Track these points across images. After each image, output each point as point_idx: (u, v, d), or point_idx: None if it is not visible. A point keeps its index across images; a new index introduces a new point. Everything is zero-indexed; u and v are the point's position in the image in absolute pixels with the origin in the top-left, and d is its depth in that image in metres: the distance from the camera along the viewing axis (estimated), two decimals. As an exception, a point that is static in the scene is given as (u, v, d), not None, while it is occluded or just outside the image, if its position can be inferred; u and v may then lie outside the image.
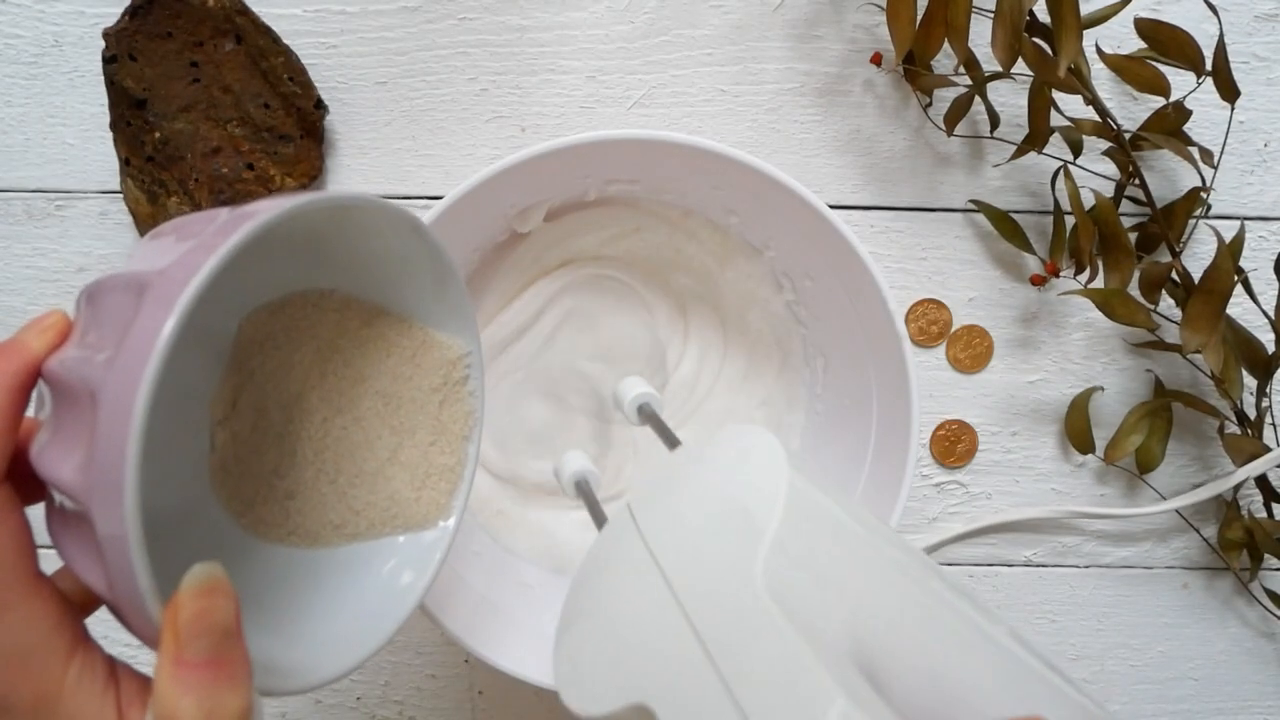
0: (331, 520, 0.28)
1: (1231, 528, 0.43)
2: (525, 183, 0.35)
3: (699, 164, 0.34)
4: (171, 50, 0.39)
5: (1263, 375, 0.41)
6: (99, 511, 0.19)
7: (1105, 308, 0.40)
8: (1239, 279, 0.39)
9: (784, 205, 0.34)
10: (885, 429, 0.36)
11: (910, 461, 0.35)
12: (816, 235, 0.35)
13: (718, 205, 0.38)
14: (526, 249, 0.40)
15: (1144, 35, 0.38)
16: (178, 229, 0.22)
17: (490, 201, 0.34)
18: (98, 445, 0.18)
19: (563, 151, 0.33)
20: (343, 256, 0.27)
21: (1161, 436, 0.43)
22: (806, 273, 0.38)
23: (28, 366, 0.21)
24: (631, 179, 0.37)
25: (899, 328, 0.34)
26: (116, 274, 0.22)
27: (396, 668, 0.44)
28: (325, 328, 0.28)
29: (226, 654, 0.20)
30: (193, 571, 0.20)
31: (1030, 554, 0.44)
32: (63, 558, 0.22)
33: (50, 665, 0.20)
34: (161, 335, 0.18)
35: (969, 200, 0.43)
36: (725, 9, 0.42)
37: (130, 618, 0.20)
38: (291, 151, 0.40)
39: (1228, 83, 0.38)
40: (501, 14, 0.42)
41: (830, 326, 0.38)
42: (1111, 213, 0.39)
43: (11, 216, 0.42)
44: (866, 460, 0.37)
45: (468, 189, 0.33)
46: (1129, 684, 0.45)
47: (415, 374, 0.29)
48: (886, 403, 0.36)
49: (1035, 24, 0.38)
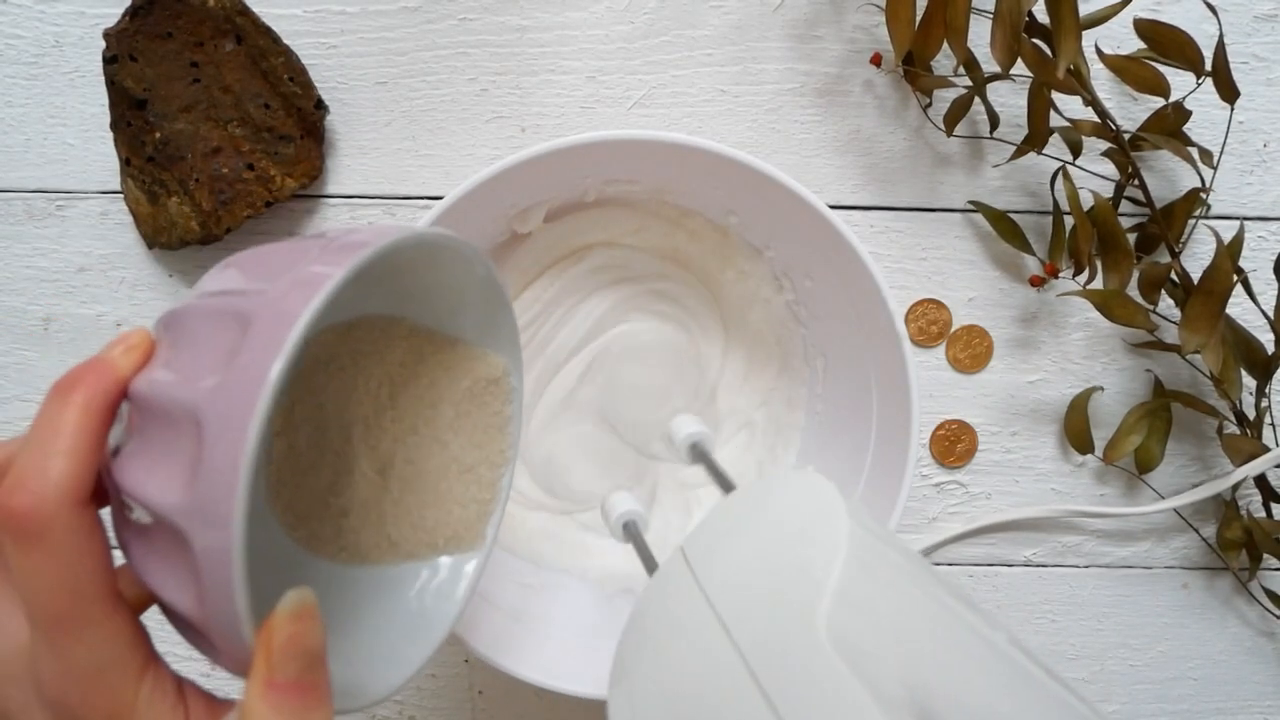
0: (390, 536, 0.29)
1: (1230, 527, 0.43)
2: (524, 183, 0.35)
3: (698, 164, 0.34)
4: (172, 50, 0.39)
5: (1262, 375, 0.41)
6: (201, 532, 0.19)
7: (1104, 308, 0.40)
8: (1238, 279, 0.39)
9: (784, 205, 0.34)
10: (885, 429, 0.36)
11: (910, 461, 0.35)
12: (816, 235, 0.35)
13: (717, 205, 0.38)
14: (527, 249, 0.40)
15: (1143, 36, 0.38)
16: (260, 261, 0.23)
17: (490, 202, 0.34)
18: (204, 469, 0.19)
19: (562, 152, 0.33)
20: (410, 285, 0.28)
21: (1161, 437, 0.43)
22: (807, 273, 0.38)
23: (116, 385, 0.22)
24: (630, 179, 0.37)
25: (899, 328, 0.34)
26: (204, 302, 0.22)
27: (396, 667, 0.44)
28: (394, 352, 0.29)
29: (315, 677, 0.21)
30: (289, 596, 0.20)
31: (1030, 554, 0.44)
32: (135, 569, 0.22)
33: (125, 682, 0.21)
34: (273, 370, 0.19)
35: (968, 201, 0.43)
36: (725, 9, 0.42)
37: (217, 636, 0.20)
38: (292, 151, 0.40)
39: (1227, 83, 0.38)
40: (501, 14, 0.42)
41: (830, 326, 0.39)
42: (1110, 213, 0.39)
43: (12, 216, 0.42)
44: (866, 461, 0.37)
45: (467, 190, 0.33)
46: (1129, 684, 0.45)
47: (474, 401, 0.30)
48: (886, 403, 0.36)
49: (1034, 25, 0.38)
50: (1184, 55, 0.38)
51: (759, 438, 0.42)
